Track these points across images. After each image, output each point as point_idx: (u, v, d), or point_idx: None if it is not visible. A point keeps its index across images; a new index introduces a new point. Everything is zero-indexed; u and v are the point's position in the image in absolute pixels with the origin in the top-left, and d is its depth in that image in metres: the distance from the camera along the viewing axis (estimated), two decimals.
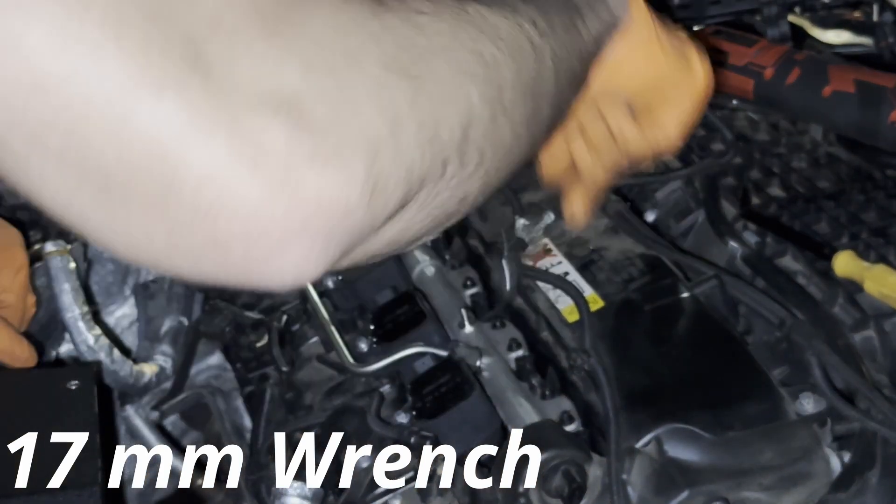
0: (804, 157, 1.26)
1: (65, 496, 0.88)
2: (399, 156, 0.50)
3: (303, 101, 0.46)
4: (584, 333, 0.98)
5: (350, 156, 0.47)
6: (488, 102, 0.57)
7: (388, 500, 0.95)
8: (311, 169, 0.46)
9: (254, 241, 0.46)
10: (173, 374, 1.31)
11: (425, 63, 0.53)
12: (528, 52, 0.63)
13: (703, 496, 0.85)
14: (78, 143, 0.43)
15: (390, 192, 0.50)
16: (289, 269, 0.48)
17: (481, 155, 0.58)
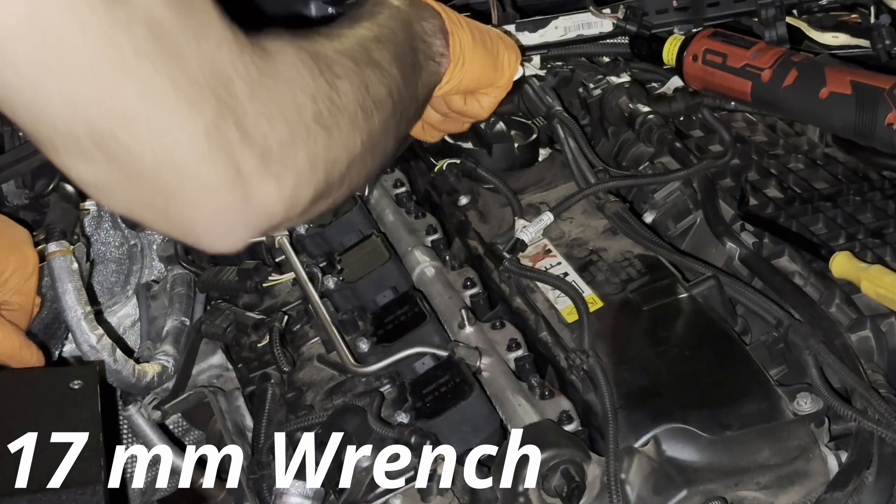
0: (801, 158, 1.26)
1: (67, 495, 0.88)
2: (311, 184, 0.75)
3: (267, 142, 0.69)
4: (583, 334, 0.99)
5: (285, 182, 0.71)
6: (365, 145, 0.83)
7: (388, 499, 0.95)
8: (261, 187, 0.70)
9: (210, 216, 0.69)
10: (175, 373, 1.32)
11: (335, 117, 0.77)
12: (390, 108, 0.89)
13: (700, 495, 0.85)
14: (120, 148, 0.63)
15: (298, 206, 0.75)
16: (219, 238, 0.72)
17: (351, 182, 0.83)
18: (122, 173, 0.65)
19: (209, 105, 0.65)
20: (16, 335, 1.11)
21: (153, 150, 0.64)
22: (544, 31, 1.51)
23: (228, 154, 0.66)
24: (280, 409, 1.13)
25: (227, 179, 0.67)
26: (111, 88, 0.61)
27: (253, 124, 0.68)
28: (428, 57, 1.05)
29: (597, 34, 1.53)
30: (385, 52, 0.92)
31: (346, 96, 0.80)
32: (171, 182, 0.66)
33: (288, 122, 0.71)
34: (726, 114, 1.36)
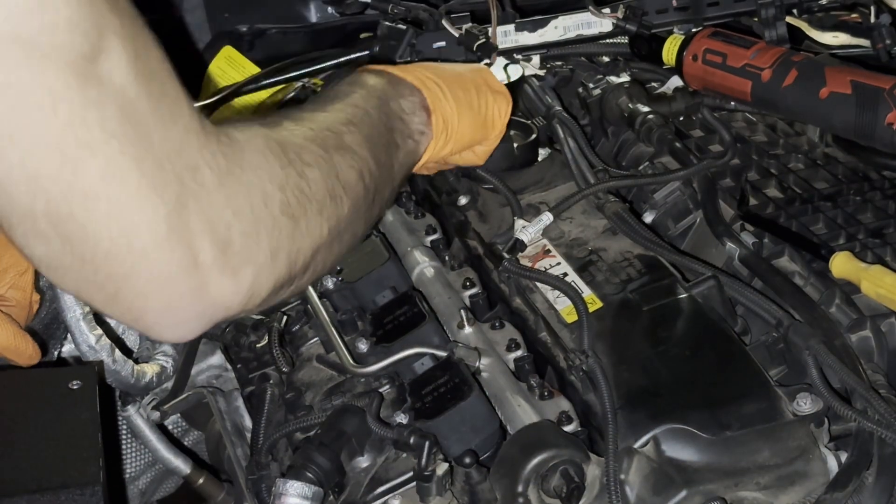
0: (801, 158, 1.26)
1: (67, 495, 0.89)
2: (271, 276, 0.73)
3: (230, 234, 0.68)
4: (582, 334, 0.99)
5: (244, 274, 0.69)
6: (332, 233, 0.81)
7: (388, 500, 0.95)
8: (218, 279, 0.68)
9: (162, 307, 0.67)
10: (174, 374, 1.32)
11: (304, 207, 0.76)
12: (361, 192, 0.87)
13: (700, 496, 0.85)
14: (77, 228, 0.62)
15: (257, 298, 0.72)
16: (168, 328, 0.70)
17: (315, 269, 0.81)
18: (76, 255, 0.63)
19: (172, 191, 0.64)
20: (10, 325, 1.10)
21: (110, 233, 0.62)
22: (544, 30, 1.51)
23: (187, 243, 0.65)
24: (279, 410, 1.13)
25: (182, 269, 0.66)
26: (75, 166, 0.60)
27: (217, 214, 0.67)
28: (406, 136, 1.02)
29: (596, 34, 1.53)
30: (357, 134, 0.90)
31: (314, 184, 0.78)
32: (124, 267, 0.64)
33: (254, 212, 0.70)
34: (726, 114, 1.36)
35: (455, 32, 1.44)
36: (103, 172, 0.61)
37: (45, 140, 0.58)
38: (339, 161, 0.84)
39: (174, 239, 0.64)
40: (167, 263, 0.65)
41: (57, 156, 0.59)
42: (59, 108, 0.58)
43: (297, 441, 1.04)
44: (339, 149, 0.86)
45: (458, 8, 1.51)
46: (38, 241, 0.63)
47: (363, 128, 0.92)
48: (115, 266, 0.64)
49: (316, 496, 0.93)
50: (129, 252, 0.64)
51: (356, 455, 0.99)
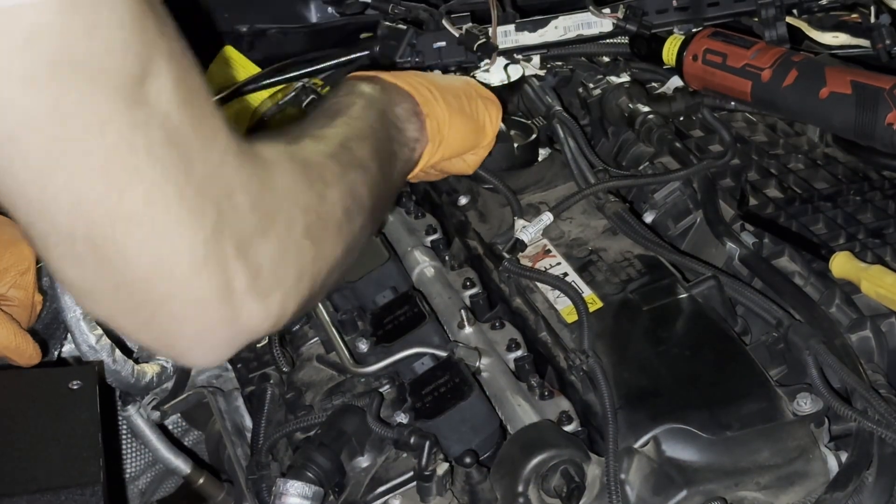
0: (801, 158, 1.26)
1: (67, 495, 0.89)
2: (296, 298, 0.73)
3: (259, 258, 0.68)
4: (582, 334, 0.99)
5: (272, 299, 0.70)
6: (345, 251, 0.81)
7: (388, 500, 0.95)
8: (250, 303, 0.68)
9: (192, 329, 0.67)
10: (174, 374, 1.32)
11: (323, 229, 0.77)
12: (368, 206, 0.87)
13: (700, 496, 0.85)
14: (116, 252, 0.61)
15: (284, 320, 0.73)
16: (201, 354, 0.70)
17: (330, 284, 0.81)
18: (112, 280, 0.63)
19: (210, 216, 0.63)
20: (10, 324, 1.10)
21: (149, 258, 0.62)
22: (544, 30, 1.51)
23: (223, 269, 0.65)
24: (279, 410, 1.13)
25: (217, 295, 0.65)
26: (120, 190, 0.59)
27: (249, 239, 0.67)
28: (402, 144, 1.02)
29: (597, 34, 1.53)
30: (366, 148, 0.91)
31: (333, 205, 0.79)
32: (160, 293, 0.64)
33: (279, 237, 0.70)
34: (726, 114, 1.36)
35: (455, 32, 1.44)
36: (146, 197, 0.60)
37: (91, 164, 0.58)
38: (353, 178, 0.85)
39: (211, 265, 0.64)
40: (203, 290, 0.64)
41: (102, 180, 0.58)
42: (106, 131, 0.57)
43: (297, 441, 1.04)
44: (353, 165, 0.86)
45: (458, 8, 1.51)
46: (74, 264, 0.63)
47: (370, 140, 0.92)
48: (150, 291, 0.64)
49: (316, 496, 0.93)
50: (166, 277, 0.63)
51: (356, 455, 0.99)
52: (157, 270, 0.63)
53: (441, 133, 1.08)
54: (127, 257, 0.62)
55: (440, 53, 1.45)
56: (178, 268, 0.63)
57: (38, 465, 0.92)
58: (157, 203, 0.60)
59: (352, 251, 0.84)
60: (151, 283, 0.63)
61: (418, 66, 1.43)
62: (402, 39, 1.44)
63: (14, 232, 1.23)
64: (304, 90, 1.58)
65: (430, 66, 1.45)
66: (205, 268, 0.64)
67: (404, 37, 1.44)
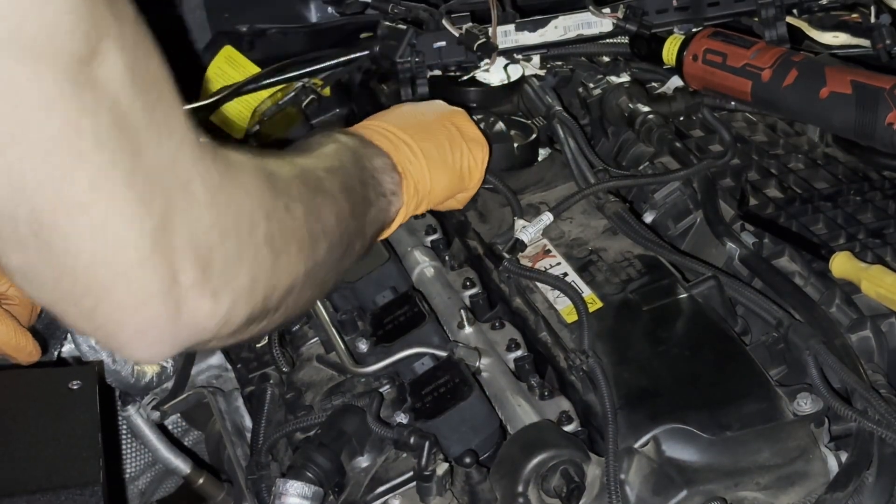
0: (802, 158, 1.26)
1: (67, 495, 0.88)
2: (247, 306, 0.71)
3: (212, 255, 0.66)
4: (582, 334, 0.99)
5: (222, 299, 0.68)
6: (308, 275, 0.80)
7: (388, 500, 0.95)
8: (196, 301, 0.66)
9: (134, 321, 0.65)
10: (174, 374, 1.32)
11: (285, 241, 0.75)
12: (337, 240, 0.86)
13: (700, 496, 0.85)
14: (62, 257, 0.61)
15: (231, 326, 0.71)
16: (141, 348, 0.67)
17: (287, 308, 0.80)
18: (55, 266, 0.61)
19: (160, 205, 0.62)
20: (9, 321, 1.10)
21: (93, 246, 0.60)
22: (544, 30, 1.51)
23: (169, 261, 0.63)
24: (279, 410, 1.13)
25: (161, 288, 0.64)
26: (64, 174, 0.58)
27: (203, 233, 0.65)
28: (378, 193, 1.01)
29: (597, 34, 1.53)
30: (335, 181, 0.90)
31: (298, 221, 0.78)
32: (104, 282, 0.62)
33: (239, 237, 0.69)
34: (726, 113, 1.36)
35: (455, 32, 1.44)
36: (92, 183, 0.59)
37: (35, 146, 0.57)
38: (320, 203, 0.84)
39: (157, 256, 0.62)
40: (147, 281, 0.63)
41: (47, 162, 0.57)
42: (52, 112, 0.56)
43: (297, 441, 1.04)
44: (320, 191, 0.85)
45: (458, 8, 1.51)
46: (16, 249, 0.61)
47: (339, 176, 0.91)
48: (94, 280, 0.62)
49: (316, 496, 0.93)
50: (110, 266, 0.62)
51: (356, 455, 0.99)
52: (100, 259, 0.61)
53: (420, 191, 1.07)
54: (70, 244, 0.60)
55: (440, 53, 1.45)
56: (121, 257, 0.62)
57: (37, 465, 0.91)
58: (102, 189, 0.59)
59: (314, 279, 0.82)
60: (95, 271, 0.62)
61: (418, 65, 1.43)
62: (402, 39, 1.44)
63: None
64: (304, 90, 1.58)
65: (431, 66, 1.45)
66: (150, 259, 0.62)
67: (404, 37, 1.44)
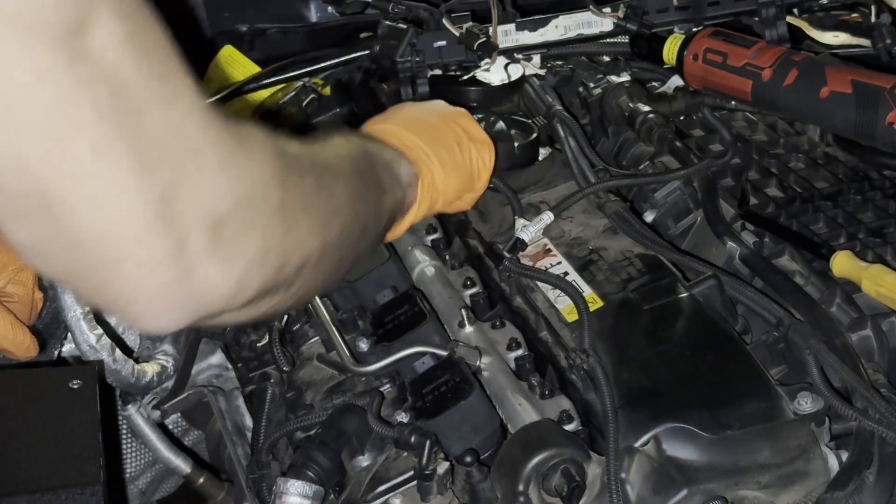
0: (802, 157, 1.26)
1: (67, 494, 0.88)
2: (258, 276, 0.70)
3: (224, 221, 0.65)
4: (583, 333, 0.99)
5: (233, 266, 0.67)
6: (321, 250, 0.79)
7: (388, 499, 0.95)
8: (206, 267, 0.65)
9: (147, 293, 0.64)
10: (175, 373, 1.32)
11: (299, 214, 0.74)
12: (349, 220, 0.85)
13: (701, 495, 0.85)
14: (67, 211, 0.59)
15: (242, 296, 0.70)
16: (154, 316, 0.66)
17: (301, 284, 0.78)
18: (63, 239, 0.61)
19: (165, 174, 0.61)
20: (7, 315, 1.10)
21: (100, 216, 0.60)
22: (544, 30, 1.51)
23: (176, 228, 0.62)
24: (280, 409, 1.13)
25: (169, 254, 0.63)
26: (64, 147, 0.57)
27: (214, 199, 0.64)
28: (394, 181, 1.00)
29: (597, 33, 1.53)
30: (345, 163, 0.89)
31: (309, 194, 0.77)
32: (112, 253, 0.62)
33: (251, 205, 0.68)
34: (727, 113, 1.36)
35: (455, 32, 1.44)
36: (93, 153, 0.58)
37: (32, 119, 0.56)
38: (331, 181, 0.83)
39: (163, 223, 0.61)
40: (155, 248, 0.62)
41: (47, 135, 0.57)
42: (47, 84, 0.56)
43: (297, 440, 1.04)
44: (331, 170, 0.84)
45: (458, 7, 1.51)
46: (23, 225, 0.61)
47: (350, 160, 0.91)
48: (102, 252, 0.62)
49: (316, 495, 0.93)
50: (116, 236, 0.61)
51: (357, 454, 0.99)
52: (108, 229, 0.61)
53: (434, 191, 1.08)
54: (76, 215, 0.60)
55: (440, 53, 1.45)
56: (127, 226, 0.61)
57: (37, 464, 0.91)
58: (104, 159, 0.59)
59: (326, 258, 0.81)
60: (103, 242, 0.61)
61: (418, 65, 1.43)
62: (403, 39, 1.44)
63: None
64: (304, 90, 1.58)
65: (431, 66, 1.45)
66: (156, 226, 0.61)
67: (404, 36, 1.44)
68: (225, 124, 0.66)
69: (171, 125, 0.61)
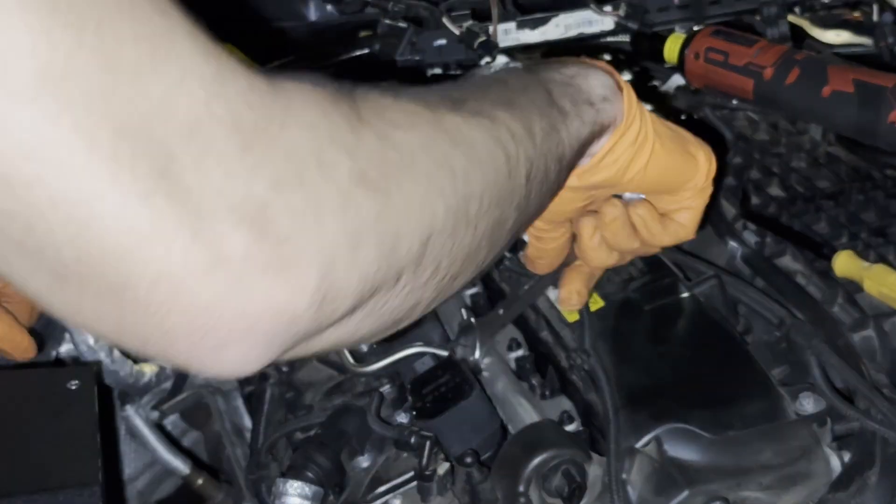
0: (804, 156, 1.26)
1: (65, 495, 0.88)
2: (354, 268, 0.52)
3: (268, 213, 0.48)
4: (583, 333, 0.98)
5: (305, 266, 0.49)
6: (453, 215, 0.59)
7: (388, 500, 0.95)
8: (263, 277, 0.48)
9: (199, 338, 0.49)
10: (173, 373, 1.31)
11: (395, 178, 0.55)
12: (502, 164, 0.64)
13: (702, 496, 0.85)
14: (38, 237, 0.44)
15: (340, 301, 0.52)
16: (229, 364, 0.51)
17: (437, 265, 0.59)
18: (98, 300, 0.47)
19: (148, 165, 0.44)
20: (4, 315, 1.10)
21: (110, 246, 0.45)
22: (545, 28, 1.51)
23: (198, 227, 0.46)
24: (279, 409, 1.12)
25: (205, 269, 0.46)
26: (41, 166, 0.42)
27: (241, 187, 0.47)
28: (579, 100, 0.74)
29: (598, 32, 1.52)
30: (487, 97, 0.67)
31: (408, 149, 0.57)
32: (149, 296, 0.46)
33: (306, 183, 0.49)
34: (728, 112, 1.35)
35: (456, 30, 1.44)
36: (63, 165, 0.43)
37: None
38: (453, 122, 0.62)
39: (170, 230, 0.45)
40: (185, 265, 0.46)
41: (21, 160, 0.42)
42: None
43: (297, 440, 1.04)
44: (456, 110, 0.63)
45: (458, 6, 1.50)
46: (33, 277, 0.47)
47: (497, 89, 0.69)
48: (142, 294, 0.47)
49: (316, 496, 0.93)
50: (138, 266, 0.46)
51: (356, 454, 0.98)
52: (125, 256, 0.45)
53: (645, 116, 0.80)
54: (84, 254, 0.45)
55: (441, 52, 1.45)
56: (140, 246, 0.45)
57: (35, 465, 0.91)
58: (74, 173, 0.43)
59: (469, 221, 0.61)
60: (131, 280, 0.46)
61: (419, 64, 1.43)
62: (402, 37, 1.44)
63: None
64: None
65: (431, 65, 1.45)
66: (161, 235, 0.45)
67: (404, 35, 1.44)
68: (250, 85, 0.49)
69: (151, 102, 0.45)
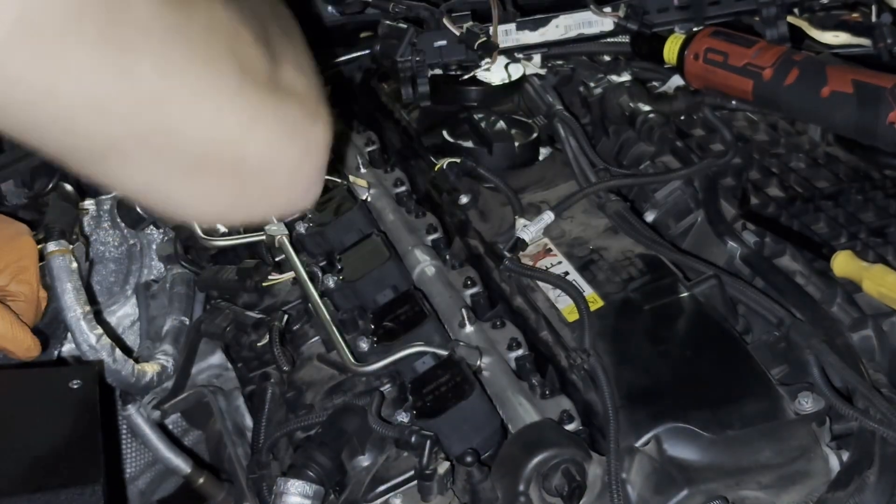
0: (803, 157, 1.26)
1: (67, 494, 0.88)
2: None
3: (304, 90, 0.65)
4: (583, 333, 0.98)
5: (322, 115, 0.66)
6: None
7: (389, 498, 0.95)
8: (312, 125, 0.65)
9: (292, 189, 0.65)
10: (174, 373, 1.32)
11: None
12: None
13: (702, 495, 0.85)
14: (176, 142, 0.57)
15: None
16: (310, 194, 0.67)
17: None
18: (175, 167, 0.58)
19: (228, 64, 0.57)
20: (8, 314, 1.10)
21: (194, 130, 0.56)
22: (545, 29, 1.51)
23: (283, 120, 0.61)
24: (280, 409, 1.12)
25: (291, 143, 0.62)
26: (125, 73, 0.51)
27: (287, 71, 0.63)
28: None
29: (598, 33, 1.53)
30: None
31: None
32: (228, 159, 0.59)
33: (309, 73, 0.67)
34: (727, 112, 1.35)
35: (456, 31, 1.44)
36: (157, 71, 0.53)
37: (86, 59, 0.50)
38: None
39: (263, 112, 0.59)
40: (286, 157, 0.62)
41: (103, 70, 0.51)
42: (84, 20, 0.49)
43: (297, 440, 1.04)
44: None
45: (458, 6, 1.51)
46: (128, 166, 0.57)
47: None
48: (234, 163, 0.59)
49: (317, 495, 0.93)
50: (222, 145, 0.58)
51: (357, 454, 0.98)
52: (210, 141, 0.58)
53: None
54: (181, 139, 0.56)
55: (441, 52, 1.45)
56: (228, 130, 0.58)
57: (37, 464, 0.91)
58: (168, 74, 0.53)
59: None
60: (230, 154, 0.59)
61: (419, 64, 1.43)
62: (403, 38, 1.44)
63: (14, 227, 1.23)
64: None
65: (431, 65, 1.45)
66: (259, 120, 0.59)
67: (405, 35, 1.44)
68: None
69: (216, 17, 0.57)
